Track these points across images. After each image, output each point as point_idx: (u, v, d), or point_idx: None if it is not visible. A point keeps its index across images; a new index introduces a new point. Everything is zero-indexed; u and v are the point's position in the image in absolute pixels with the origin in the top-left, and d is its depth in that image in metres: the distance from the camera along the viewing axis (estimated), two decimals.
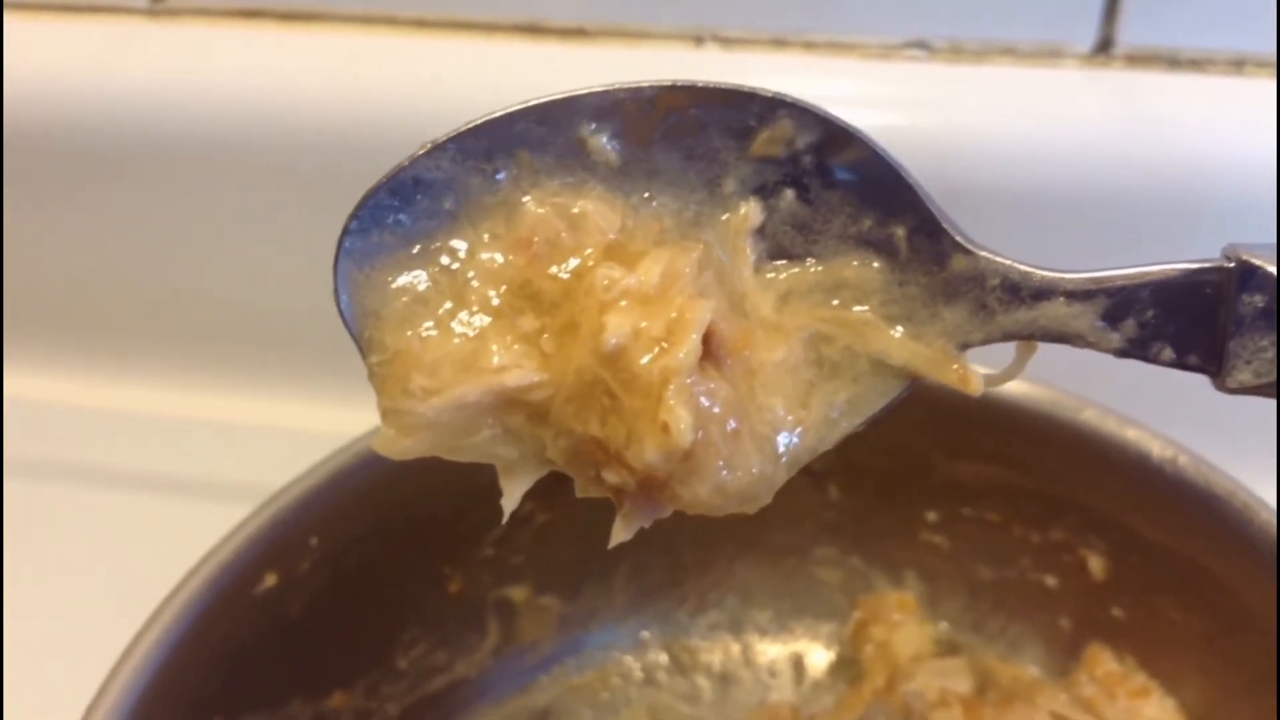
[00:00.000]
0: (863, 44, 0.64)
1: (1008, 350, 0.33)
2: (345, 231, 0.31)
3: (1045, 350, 0.35)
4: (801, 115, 0.31)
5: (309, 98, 0.66)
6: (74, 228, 0.72)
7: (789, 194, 0.32)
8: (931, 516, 0.58)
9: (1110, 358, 0.65)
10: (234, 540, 0.47)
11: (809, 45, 0.65)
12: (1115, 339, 0.32)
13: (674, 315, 0.30)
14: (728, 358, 0.31)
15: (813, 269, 0.33)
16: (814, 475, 0.57)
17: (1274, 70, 0.62)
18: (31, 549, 0.66)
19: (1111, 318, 0.31)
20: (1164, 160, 0.61)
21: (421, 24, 0.67)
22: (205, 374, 0.75)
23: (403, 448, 0.31)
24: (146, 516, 0.68)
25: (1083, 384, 0.53)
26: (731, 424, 0.30)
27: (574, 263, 0.31)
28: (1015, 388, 0.53)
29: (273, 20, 0.68)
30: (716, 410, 0.30)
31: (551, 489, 0.56)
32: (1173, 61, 0.62)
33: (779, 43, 0.65)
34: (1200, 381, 0.64)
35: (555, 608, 0.59)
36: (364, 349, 0.32)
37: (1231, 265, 0.31)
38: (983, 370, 0.33)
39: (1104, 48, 0.63)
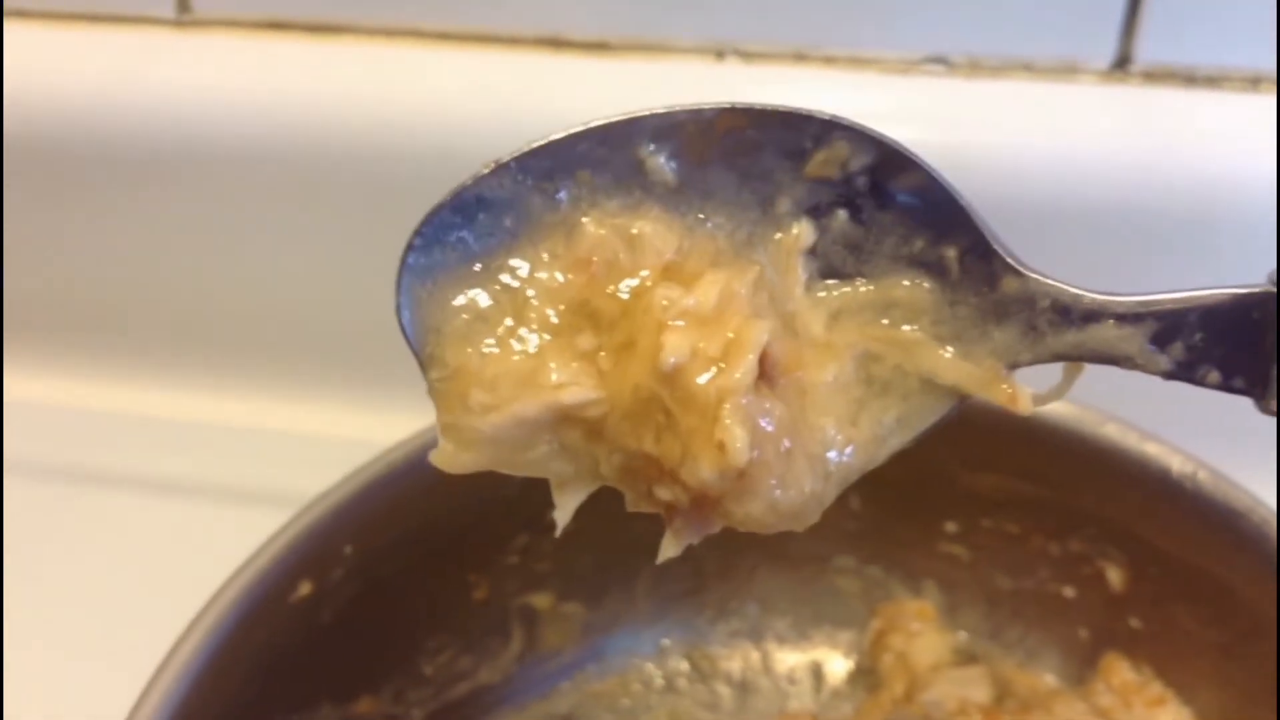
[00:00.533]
0: (882, 58, 0.65)
1: (1046, 368, 0.34)
2: (409, 248, 0.32)
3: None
4: (857, 138, 0.32)
5: (334, 109, 0.67)
6: (95, 234, 0.73)
7: (842, 214, 0.33)
8: (951, 527, 0.58)
9: (1123, 371, 0.66)
10: (272, 548, 0.48)
11: (829, 59, 0.65)
12: (1163, 362, 0.32)
13: (731, 336, 0.30)
14: (781, 378, 0.31)
15: (863, 288, 0.33)
16: None
17: None
18: (34, 554, 0.66)
19: (1160, 341, 0.32)
20: (1180, 176, 0.61)
21: (445, 37, 0.68)
22: (217, 380, 0.76)
23: (461, 462, 0.32)
24: (154, 522, 0.68)
25: (1097, 396, 0.54)
26: (785, 443, 0.31)
27: (632, 283, 0.32)
28: None
29: (299, 32, 0.69)
30: (771, 430, 0.30)
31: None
32: (1189, 78, 0.63)
33: (799, 56, 0.65)
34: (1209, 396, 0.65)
35: (578, 615, 0.60)
36: (424, 365, 0.32)
37: (1277, 291, 0.31)
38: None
39: (1121, 64, 0.63)
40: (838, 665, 0.61)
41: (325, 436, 0.69)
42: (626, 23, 0.66)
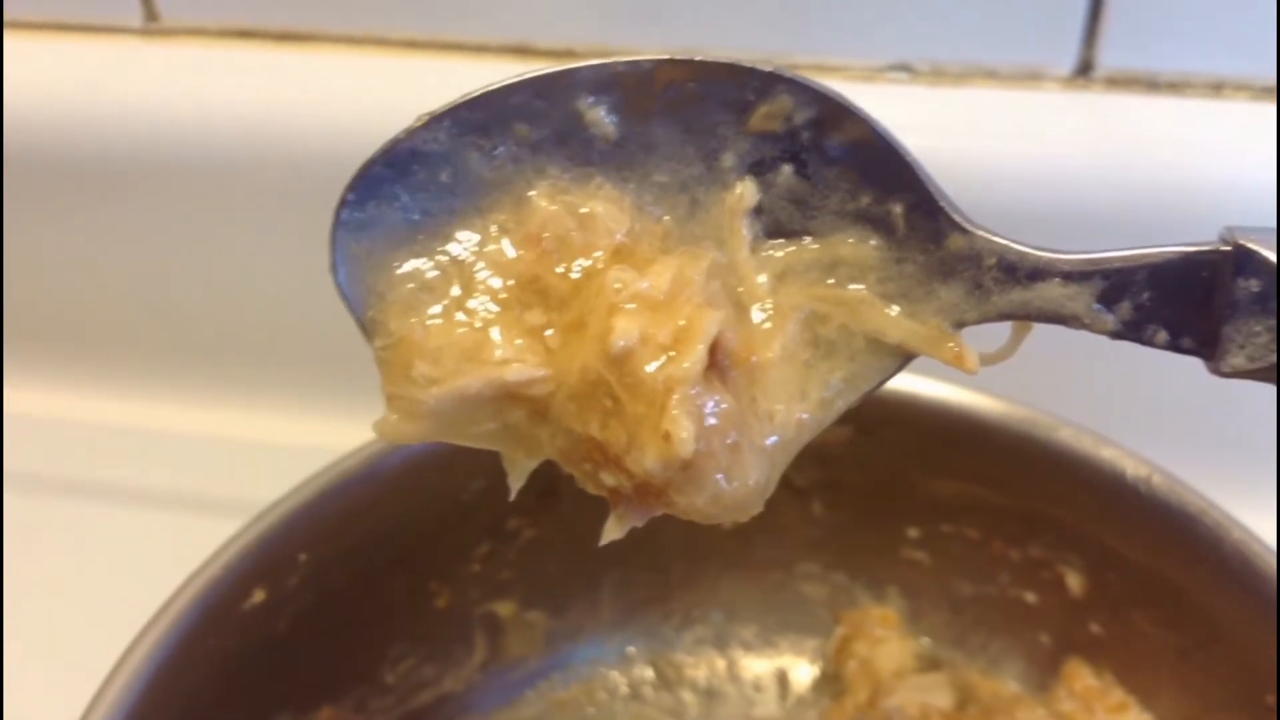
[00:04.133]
0: (846, 66, 0.65)
1: (999, 330, 0.33)
2: (342, 203, 0.31)
3: (1025, 367, 0.35)
4: (800, 91, 0.32)
5: (302, 116, 0.67)
6: (71, 243, 0.73)
7: (787, 169, 0.32)
8: (913, 533, 0.58)
9: (1090, 369, 0.66)
10: (223, 556, 0.48)
11: (793, 67, 0.64)
12: (1110, 321, 0.31)
13: (682, 323, 0.30)
14: (732, 369, 0.31)
15: (809, 246, 0.33)
16: (798, 492, 0.58)
17: (1252, 93, 0.63)
18: (30, 563, 0.66)
19: (1107, 300, 0.31)
20: (1143, 181, 0.61)
21: (412, 45, 0.68)
22: (197, 389, 0.76)
23: (404, 433, 0.31)
24: (142, 531, 0.68)
25: (1062, 404, 0.54)
26: (732, 436, 0.30)
27: (583, 262, 0.31)
28: (993, 407, 0.53)
29: (267, 40, 0.69)
30: (718, 422, 0.30)
31: (539, 506, 0.57)
32: (1152, 84, 0.63)
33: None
34: (1194, 400, 0.65)
35: (542, 623, 0.60)
36: (368, 330, 0.32)
37: (1228, 249, 0.30)
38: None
39: (1084, 70, 0.64)
40: (803, 672, 0.61)
41: (293, 445, 0.68)
42: (592, 31, 0.66)
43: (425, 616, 0.57)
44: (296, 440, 0.66)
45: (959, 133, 0.63)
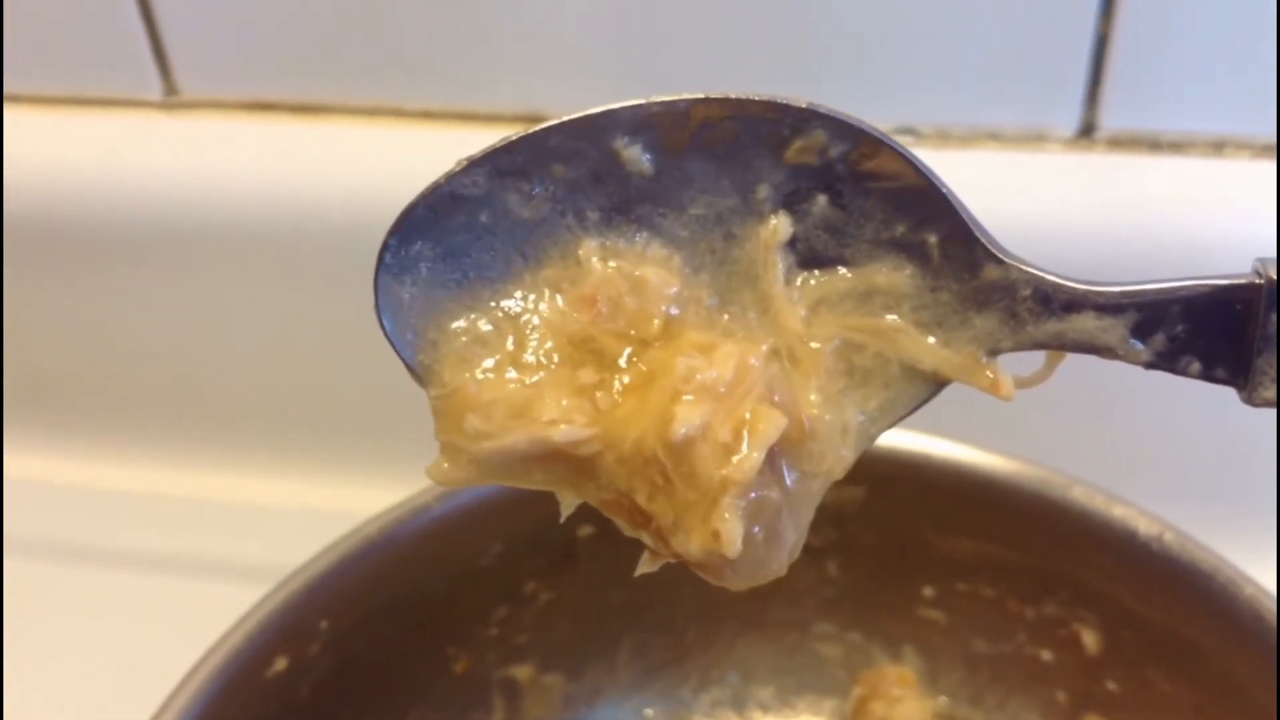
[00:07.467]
0: None
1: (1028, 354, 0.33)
2: (384, 247, 0.31)
3: (1037, 427, 0.36)
4: (835, 125, 0.32)
5: (319, 186, 0.68)
6: (86, 313, 0.74)
7: (822, 199, 0.33)
8: (928, 592, 0.59)
9: (1102, 433, 0.66)
10: (246, 624, 0.48)
11: None
12: (1144, 352, 0.32)
13: (747, 415, 0.30)
14: (783, 455, 0.31)
15: (844, 276, 0.33)
16: (813, 552, 0.58)
17: (1253, 151, 0.64)
18: (33, 630, 0.67)
19: (1141, 331, 0.32)
20: (1146, 240, 0.62)
21: (428, 115, 0.69)
22: (208, 455, 0.77)
23: (454, 479, 0.32)
24: (149, 597, 0.69)
25: (1072, 463, 0.55)
26: (775, 525, 0.31)
27: (637, 326, 0.32)
28: (1006, 466, 0.54)
29: (284, 112, 0.70)
30: (764, 515, 0.30)
31: (555, 569, 0.58)
32: (1154, 144, 0.64)
33: None
34: (1193, 456, 0.65)
35: (559, 686, 0.60)
36: (422, 378, 0.32)
37: (1261, 282, 0.31)
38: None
39: (1087, 132, 0.65)
40: None
41: (312, 510, 0.69)
42: (604, 99, 0.67)
43: (444, 681, 0.57)
44: (309, 505, 0.66)
45: (964, 194, 0.63)
